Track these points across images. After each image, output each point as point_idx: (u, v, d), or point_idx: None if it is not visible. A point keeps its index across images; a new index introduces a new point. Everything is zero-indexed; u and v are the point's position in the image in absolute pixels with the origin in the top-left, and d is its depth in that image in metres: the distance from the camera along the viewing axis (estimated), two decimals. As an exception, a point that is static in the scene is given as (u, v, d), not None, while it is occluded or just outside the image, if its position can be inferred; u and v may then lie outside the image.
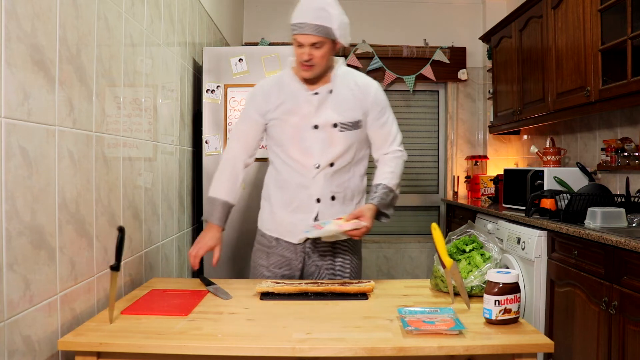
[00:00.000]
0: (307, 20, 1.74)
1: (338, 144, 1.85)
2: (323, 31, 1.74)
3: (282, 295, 1.64)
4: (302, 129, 1.85)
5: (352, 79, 1.90)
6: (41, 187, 1.28)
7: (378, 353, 1.22)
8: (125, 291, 1.81)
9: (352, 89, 1.88)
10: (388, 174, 1.90)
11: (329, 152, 1.85)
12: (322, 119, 1.84)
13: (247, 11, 4.66)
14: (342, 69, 1.92)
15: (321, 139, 1.84)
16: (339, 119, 1.84)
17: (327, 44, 1.77)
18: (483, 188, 4.17)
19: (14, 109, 1.17)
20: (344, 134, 1.84)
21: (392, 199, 1.89)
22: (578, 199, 2.58)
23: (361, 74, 1.96)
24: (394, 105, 4.75)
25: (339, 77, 1.88)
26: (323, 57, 1.78)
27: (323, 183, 1.86)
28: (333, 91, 1.86)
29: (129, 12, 1.85)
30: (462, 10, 4.72)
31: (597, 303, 2.14)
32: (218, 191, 1.90)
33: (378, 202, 1.84)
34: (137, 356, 1.26)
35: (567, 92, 2.94)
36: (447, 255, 1.57)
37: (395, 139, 1.95)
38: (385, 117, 1.92)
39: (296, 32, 1.76)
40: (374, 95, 1.90)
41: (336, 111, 1.85)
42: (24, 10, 1.20)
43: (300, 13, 1.76)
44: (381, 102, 1.91)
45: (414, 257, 4.77)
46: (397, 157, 1.94)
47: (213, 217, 1.87)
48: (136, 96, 1.94)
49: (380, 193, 1.86)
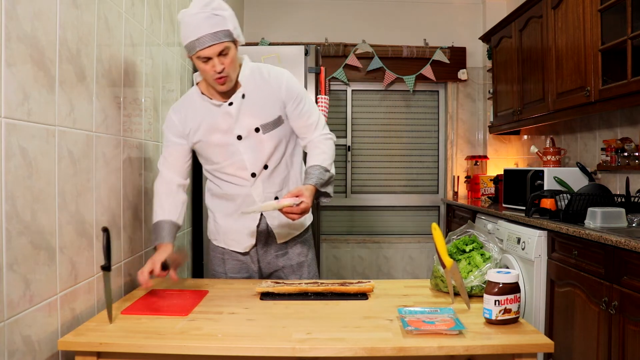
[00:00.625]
0: (204, 32, 1.62)
1: (266, 146, 1.81)
2: (224, 36, 1.64)
3: (282, 295, 1.64)
4: (228, 143, 1.80)
5: (259, 75, 1.82)
6: (41, 187, 1.28)
7: (378, 353, 1.22)
8: (125, 291, 1.81)
9: (262, 86, 1.81)
10: (320, 155, 1.85)
11: (260, 158, 1.82)
12: (244, 128, 1.79)
13: (247, 11, 4.66)
14: (249, 67, 1.82)
15: (248, 147, 1.80)
16: (259, 122, 1.79)
17: (232, 48, 1.68)
18: (483, 188, 4.17)
19: (14, 109, 1.17)
20: (268, 134, 1.80)
21: (329, 178, 1.83)
22: (578, 199, 2.58)
23: (268, 67, 1.87)
24: (394, 105, 4.81)
25: (247, 77, 1.80)
26: (232, 62, 1.69)
27: (262, 188, 1.85)
28: (245, 95, 1.78)
29: (129, 12, 1.85)
30: (462, 10, 4.72)
31: (597, 303, 2.14)
32: (159, 215, 1.80)
33: (315, 181, 1.77)
34: (137, 356, 1.26)
35: (567, 92, 2.94)
36: (447, 255, 1.57)
37: (318, 124, 1.89)
38: (302, 105, 1.85)
39: (198, 48, 1.63)
40: (286, 86, 1.82)
41: (254, 115, 1.79)
42: (24, 10, 1.20)
43: (193, 28, 1.62)
44: (294, 91, 1.83)
45: (414, 257, 4.77)
46: (326, 139, 1.89)
47: (160, 238, 1.76)
48: (136, 96, 1.94)
49: (316, 173, 1.79)
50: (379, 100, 4.83)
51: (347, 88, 4.78)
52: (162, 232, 1.77)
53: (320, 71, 2.88)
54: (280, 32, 4.60)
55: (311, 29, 4.64)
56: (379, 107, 4.83)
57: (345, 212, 4.85)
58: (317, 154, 1.85)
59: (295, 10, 4.66)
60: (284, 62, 2.78)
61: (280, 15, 4.66)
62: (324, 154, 1.85)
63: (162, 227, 1.78)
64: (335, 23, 4.65)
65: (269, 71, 1.84)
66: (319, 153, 1.85)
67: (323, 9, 4.67)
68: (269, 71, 1.84)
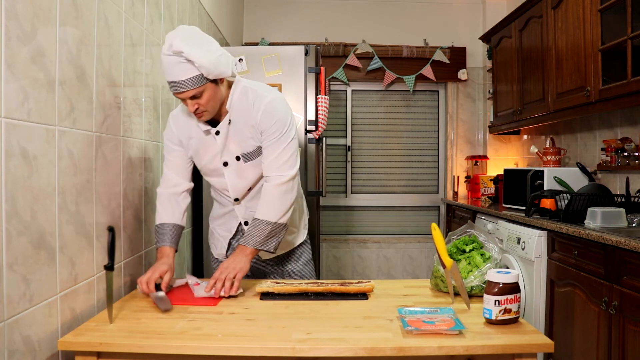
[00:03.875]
0: (175, 77, 1.57)
1: (249, 174, 1.81)
2: (195, 82, 1.58)
3: (282, 295, 1.64)
4: (214, 166, 1.81)
5: (246, 99, 1.74)
6: (41, 187, 1.28)
7: (378, 353, 1.22)
8: (125, 291, 1.81)
9: (246, 112, 1.74)
10: (267, 207, 1.72)
11: (242, 185, 1.83)
12: (228, 155, 1.79)
13: (247, 11, 4.66)
14: (238, 89, 1.75)
15: (232, 173, 1.81)
16: (240, 151, 1.77)
17: (207, 90, 1.61)
18: (483, 188, 4.17)
19: (14, 109, 1.17)
20: (250, 163, 1.78)
21: (269, 233, 1.71)
22: (578, 199, 2.58)
23: (256, 90, 1.76)
24: (394, 105, 4.81)
25: (236, 101, 1.74)
26: (208, 102, 1.64)
27: (245, 209, 1.89)
28: (232, 121, 1.75)
29: (129, 12, 1.85)
30: (462, 10, 4.72)
31: (597, 303, 2.14)
32: (162, 218, 1.81)
33: (252, 243, 1.69)
34: (137, 356, 1.26)
35: (567, 92, 2.94)
36: (447, 255, 1.57)
37: (283, 166, 1.73)
38: (273, 138, 1.73)
39: (172, 90, 1.61)
40: (263, 114, 1.72)
41: (237, 142, 1.76)
42: (24, 10, 1.20)
43: (166, 71, 1.59)
44: (270, 121, 1.72)
45: (414, 257, 4.77)
46: (280, 188, 1.73)
47: (162, 241, 1.77)
48: (136, 96, 1.94)
49: (253, 234, 1.70)
50: (379, 100, 4.83)
51: (347, 88, 4.78)
52: (164, 235, 1.78)
53: (320, 71, 2.88)
54: (280, 32, 4.60)
55: (311, 29, 4.64)
56: (379, 107, 4.83)
57: (345, 212, 4.85)
58: (263, 203, 1.74)
59: (295, 10, 4.66)
60: (284, 62, 2.78)
61: (280, 15, 4.66)
62: (272, 205, 1.72)
63: (164, 231, 1.78)
64: (335, 23, 4.65)
65: (254, 96, 1.74)
66: (266, 203, 1.73)
67: (323, 9, 4.67)
68: (255, 96, 1.74)
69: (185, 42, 1.54)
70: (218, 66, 1.60)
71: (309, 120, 2.81)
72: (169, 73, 1.58)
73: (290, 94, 2.79)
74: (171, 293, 1.68)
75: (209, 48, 1.59)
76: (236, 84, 1.76)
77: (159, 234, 1.79)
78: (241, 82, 1.77)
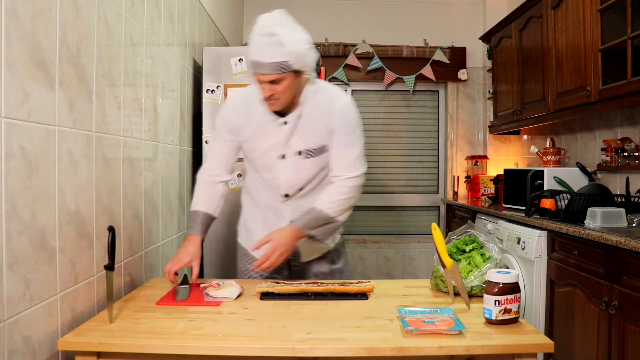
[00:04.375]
0: (261, 58, 1.58)
1: (305, 171, 1.78)
2: (279, 67, 1.58)
3: (282, 295, 1.64)
4: (271, 158, 1.78)
5: (321, 98, 1.75)
6: (41, 187, 1.28)
7: (378, 353, 1.22)
8: (125, 291, 1.81)
9: (320, 110, 1.74)
10: (331, 197, 1.75)
11: (297, 181, 1.80)
12: (289, 149, 1.76)
13: (247, 11, 4.66)
14: (314, 87, 1.76)
15: (288, 167, 1.78)
16: (303, 147, 1.75)
17: (287, 78, 1.61)
18: (483, 188, 4.17)
19: (14, 109, 1.17)
20: (310, 160, 1.77)
21: (323, 223, 1.74)
22: (578, 199, 2.58)
23: (332, 90, 1.80)
24: (394, 105, 4.81)
25: (309, 98, 1.74)
26: (285, 91, 1.64)
27: (293, 207, 1.84)
28: (302, 116, 1.74)
29: (129, 12, 1.85)
30: (462, 10, 4.72)
31: (597, 303, 2.14)
32: (196, 204, 1.82)
33: (301, 225, 1.72)
34: (137, 356, 1.26)
35: (567, 92, 2.94)
36: (447, 255, 1.57)
37: (352, 164, 1.77)
38: (346, 139, 1.75)
39: (252, 70, 1.62)
40: (338, 116, 1.74)
41: (303, 137, 1.74)
42: (24, 10, 1.20)
43: (254, 50, 1.59)
44: (345, 123, 1.75)
45: (414, 257, 4.77)
46: (351, 183, 1.77)
47: (192, 228, 1.79)
48: (136, 96, 1.94)
49: (307, 218, 1.73)
50: (379, 100, 4.83)
51: (347, 88, 4.77)
52: (194, 222, 1.79)
53: (320, 71, 2.88)
54: (280, 32, 4.60)
55: (311, 29, 4.57)
56: (379, 107, 4.83)
57: (345, 212, 4.84)
58: (327, 195, 1.76)
59: (295, 10, 4.61)
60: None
61: (280, 15, 4.65)
62: (336, 201, 1.75)
63: (195, 218, 1.80)
64: (335, 23, 4.65)
65: (328, 96, 1.76)
66: (330, 195, 1.76)
67: (323, 9, 4.67)
68: (329, 96, 1.77)
69: (282, 26, 1.59)
70: (305, 58, 1.62)
71: (309, 120, 2.81)
72: (256, 52, 1.58)
73: (290, 94, 2.78)
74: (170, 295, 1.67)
75: (302, 38, 1.63)
76: (313, 82, 1.76)
77: (191, 219, 1.81)
78: (318, 82, 1.79)
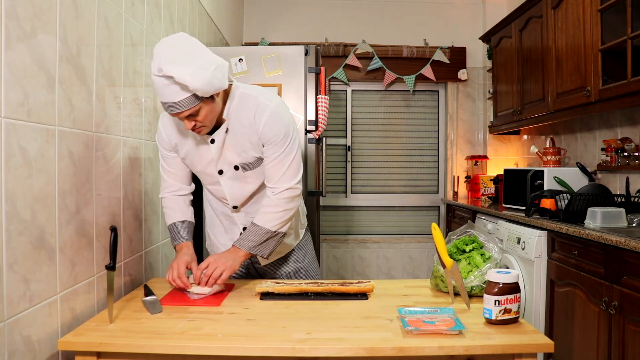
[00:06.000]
0: (168, 99, 1.48)
1: (249, 182, 1.75)
2: (188, 103, 1.48)
3: (282, 295, 1.64)
4: (209, 174, 1.75)
5: (244, 112, 1.65)
6: (41, 187, 1.28)
7: (378, 353, 1.22)
8: (125, 291, 1.81)
9: (245, 122, 1.65)
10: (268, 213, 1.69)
11: (242, 194, 1.78)
12: (225, 164, 1.71)
13: (247, 11, 4.66)
14: (236, 100, 1.65)
15: (230, 182, 1.75)
16: (238, 161, 1.70)
17: (203, 107, 1.52)
18: (483, 188, 4.17)
19: (14, 109, 1.17)
20: (251, 172, 1.72)
21: (267, 239, 1.69)
22: (578, 199, 2.58)
23: (256, 99, 1.66)
24: (394, 105, 4.81)
25: (234, 110, 1.65)
26: (206, 117, 1.55)
27: (245, 214, 1.83)
28: (229, 129, 1.66)
29: (129, 12, 1.85)
30: (462, 10, 4.72)
31: (597, 303, 2.14)
32: (171, 218, 1.81)
33: (240, 244, 1.69)
34: (137, 356, 1.26)
35: (567, 92, 2.94)
36: (447, 255, 1.57)
37: (289, 175, 1.69)
38: (277, 150, 1.66)
39: (166, 110, 1.53)
40: (265, 129, 1.64)
41: (235, 152, 1.68)
42: (24, 10, 1.20)
43: (158, 92, 1.50)
44: (274, 134, 1.65)
45: (414, 257, 4.77)
46: (286, 196, 1.69)
47: (178, 238, 1.77)
48: (136, 96, 1.94)
49: (248, 235, 1.69)
50: (379, 100, 4.83)
51: (347, 88, 4.78)
52: (179, 233, 1.79)
53: (320, 71, 2.88)
54: (280, 32, 4.60)
55: (311, 29, 4.64)
56: (379, 107, 4.83)
57: (345, 212, 4.85)
58: (266, 208, 1.70)
59: (295, 10, 4.66)
60: (284, 62, 2.78)
61: (280, 15, 4.66)
62: (274, 214, 1.69)
63: (178, 229, 1.80)
64: (335, 23, 4.65)
65: (256, 105, 1.65)
66: (268, 209, 1.70)
67: (323, 9, 4.67)
68: (256, 105, 1.65)
69: (174, 64, 1.42)
70: (213, 83, 1.47)
71: (309, 120, 2.81)
72: (161, 94, 1.48)
73: (290, 94, 2.79)
74: (172, 294, 1.67)
75: (201, 64, 1.45)
76: (234, 91, 1.65)
77: (173, 232, 1.80)
78: (239, 89, 1.67)
